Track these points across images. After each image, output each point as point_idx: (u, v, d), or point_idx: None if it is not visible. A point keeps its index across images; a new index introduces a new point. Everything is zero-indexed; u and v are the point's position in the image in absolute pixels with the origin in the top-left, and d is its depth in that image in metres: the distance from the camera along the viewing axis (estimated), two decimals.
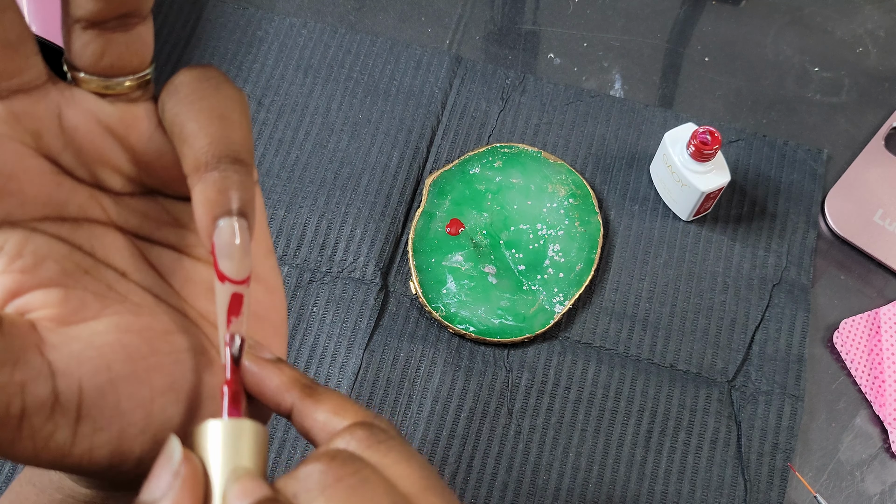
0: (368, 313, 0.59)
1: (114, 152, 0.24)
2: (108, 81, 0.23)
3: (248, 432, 0.22)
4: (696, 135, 0.57)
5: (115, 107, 0.23)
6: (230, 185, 0.22)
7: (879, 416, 0.57)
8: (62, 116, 0.23)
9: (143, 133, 0.24)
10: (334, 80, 0.66)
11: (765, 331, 0.59)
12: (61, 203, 0.23)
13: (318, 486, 0.21)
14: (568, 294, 0.59)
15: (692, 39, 0.70)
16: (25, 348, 0.21)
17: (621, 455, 0.56)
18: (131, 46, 0.23)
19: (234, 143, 0.22)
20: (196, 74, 0.23)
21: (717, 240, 0.62)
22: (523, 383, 0.58)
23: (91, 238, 0.24)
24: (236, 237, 0.22)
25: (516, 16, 0.70)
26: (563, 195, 0.62)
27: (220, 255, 0.22)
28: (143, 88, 0.24)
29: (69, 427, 0.21)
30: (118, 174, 0.24)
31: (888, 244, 0.62)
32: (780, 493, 0.55)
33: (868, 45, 0.70)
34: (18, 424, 0.20)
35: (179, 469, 0.21)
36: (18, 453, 0.21)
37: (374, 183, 0.63)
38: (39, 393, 0.20)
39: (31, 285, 0.22)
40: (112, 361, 0.22)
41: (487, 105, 0.66)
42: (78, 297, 0.22)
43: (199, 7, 0.69)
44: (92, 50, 0.22)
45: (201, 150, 0.22)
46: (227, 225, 0.22)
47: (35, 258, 0.22)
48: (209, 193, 0.21)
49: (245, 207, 0.22)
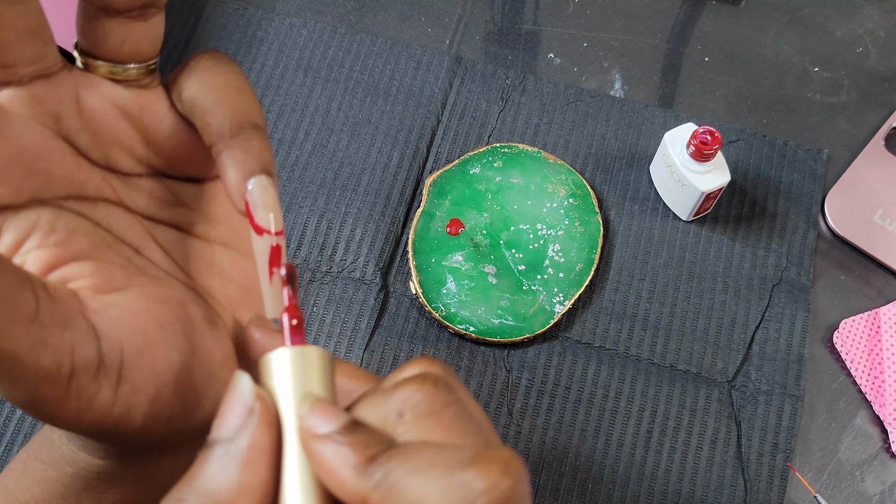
0: (368, 313, 0.59)
1: (127, 134, 0.25)
2: (117, 67, 0.24)
3: (315, 358, 0.22)
4: (696, 135, 0.57)
5: (130, 91, 0.25)
6: (255, 147, 0.23)
7: (879, 416, 0.57)
8: (80, 100, 0.24)
9: (157, 115, 0.25)
10: (334, 80, 0.66)
11: (765, 331, 0.59)
12: (81, 183, 0.24)
13: (425, 410, 0.21)
14: (568, 294, 0.59)
15: (692, 39, 0.70)
16: (72, 311, 0.22)
17: (621, 455, 0.56)
18: (149, 34, 0.24)
19: (252, 110, 0.24)
20: (208, 55, 0.25)
21: (717, 240, 0.62)
22: (523, 383, 0.58)
23: (108, 216, 0.25)
24: (268, 192, 0.23)
25: (516, 16, 0.70)
26: (563, 195, 0.62)
27: (255, 210, 0.23)
28: (152, 75, 0.25)
29: (111, 388, 0.22)
30: (129, 156, 0.25)
31: (888, 244, 0.62)
32: (780, 493, 0.55)
33: (868, 45, 0.70)
34: (67, 385, 0.21)
35: (254, 405, 0.21)
36: (63, 414, 0.21)
37: (374, 183, 0.63)
38: (87, 354, 0.21)
39: (66, 257, 0.23)
40: (146, 326, 0.23)
41: (487, 105, 0.66)
42: (107, 268, 0.24)
43: (199, 7, 0.69)
44: (115, 37, 0.24)
45: (225, 119, 0.24)
46: (259, 182, 0.23)
47: (67, 233, 0.23)
48: (237, 156, 0.23)
49: (269, 166, 0.24)
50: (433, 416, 0.21)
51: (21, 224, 0.22)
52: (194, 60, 0.25)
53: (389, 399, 0.21)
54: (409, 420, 0.21)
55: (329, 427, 0.21)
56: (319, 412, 0.21)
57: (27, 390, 0.20)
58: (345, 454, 0.20)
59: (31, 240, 0.23)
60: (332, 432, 0.21)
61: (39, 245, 0.23)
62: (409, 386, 0.21)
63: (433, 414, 0.21)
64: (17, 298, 0.20)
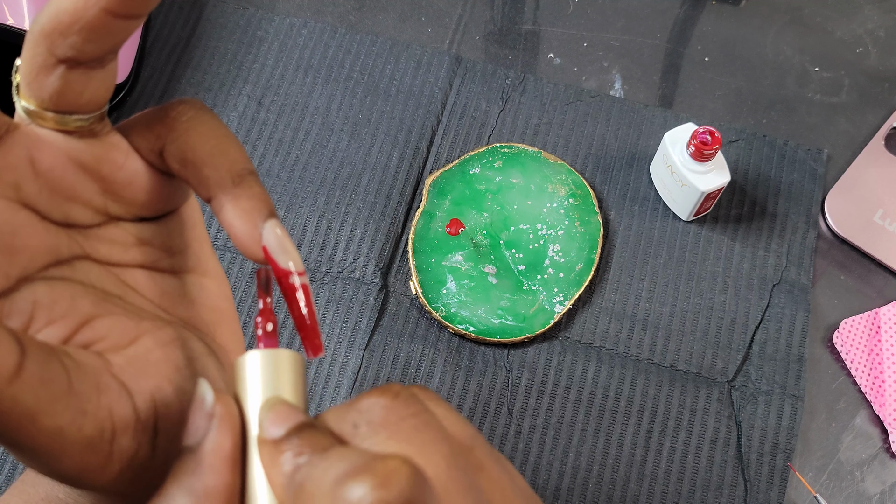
0: (368, 313, 0.59)
1: (84, 187, 0.24)
2: (68, 118, 0.23)
3: (286, 361, 0.22)
4: (696, 135, 0.57)
5: (84, 142, 0.23)
6: (258, 193, 0.23)
7: (879, 416, 0.57)
8: (35, 161, 0.23)
9: (115, 163, 0.24)
10: (334, 80, 0.66)
11: (765, 331, 0.59)
12: (55, 247, 0.23)
13: (381, 421, 0.21)
14: (568, 294, 0.59)
15: (692, 39, 0.70)
16: (101, 374, 0.21)
17: (621, 455, 0.56)
18: (106, 81, 0.23)
19: (243, 156, 0.24)
20: (187, 106, 0.24)
21: (717, 240, 0.62)
22: (523, 383, 0.58)
23: (86, 273, 0.24)
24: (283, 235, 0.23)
25: (516, 16, 0.70)
26: (563, 195, 0.62)
27: (276, 255, 0.23)
28: (102, 122, 0.24)
29: (149, 443, 0.22)
30: (87, 208, 0.24)
31: (888, 244, 0.62)
32: (780, 493, 0.55)
33: (868, 45, 0.70)
34: (110, 448, 0.21)
35: (213, 409, 0.21)
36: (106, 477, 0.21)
37: (374, 183, 0.63)
38: (124, 413, 0.21)
39: (78, 324, 0.23)
40: (168, 373, 0.23)
41: (487, 105, 0.66)
42: (116, 322, 0.23)
43: (199, 7, 0.69)
44: (75, 88, 0.22)
45: (223, 169, 0.23)
46: (272, 227, 0.23)
47: (68, 301, 0.23)
48: (244, 204, 0.23)
49: (273, 210, 0.24)
50: (388, 427, 0.20)
51: (20, 307, 0.22)
52: (173, 112, 0.24)
53: (350, 410, 0.21)
54: (363, 432, 0.21)
55: (279, 431, 0.21)
56: (274, 415, 0.21)
57: (74, 461, 0.20)
58: (281, 458, 0.20)
59: (38, 319, 0.22)
60: (280, 436, 0.21)
61: (48, 322, 0.22)
62: (370, 397, 0.21)
63: (389, 425, 0.20)
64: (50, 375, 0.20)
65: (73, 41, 0.21)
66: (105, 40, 0.21)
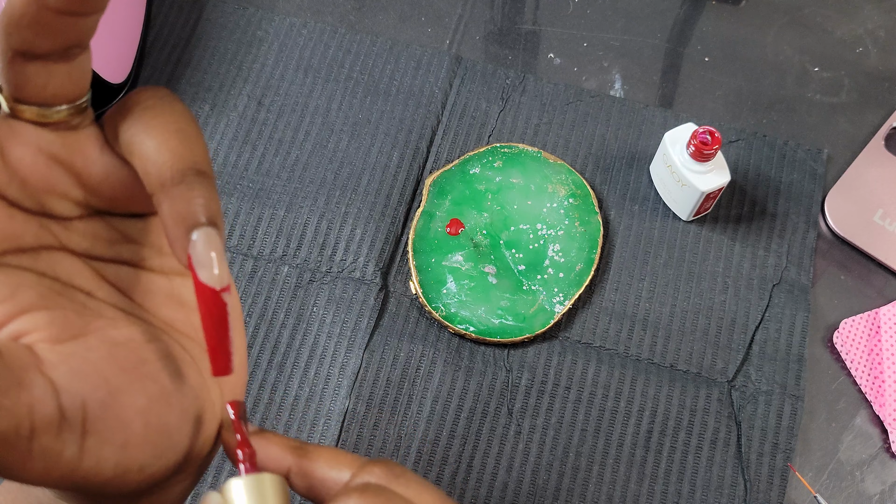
0: (368, 313, 0.59)
1: (60, 180, 0.24)
2: (46, 110, 0.23)
3: (269, 484, 0.25)
4: (696, 135, 0.57)
5: (58, 135, 0.23)
6: (198, 196, 0.22)
7: (879, 416, 0.57)
8: (4, 152, 0.23)
9: (89, 157, 0.24)
10: (334, 80, 0.66)
11: (765, 331, 0.59)
12: (17, 235, 0.23)
13: None
14: (568, 294, 0.59)
15: (692, 39, 0.70)
16: (26, 369, 0.21)
17: (621, 455, 0.56)
18: (72, 75, 0.23)
19: (196, 155, 0.22)
20: (149, 94, 0.23)
21: (717, 240, 0.62)
22: (523, 383, 0.58)
23: (52, 264, 0.24)
24: (212, 247, 0.22)
25: (516, 16, 0.70)
26: (563, 195, 0.62)
27: (198, 267, 0.22)
28: (82, 115, 0.24)
29: (76, 443, 0.21)
30: (66, 200, 0.24)
31: (888, 244, 0.62)
32: (780, 493, 0.55)
33: (868, 45, 0.70)
34: (28, 446, 0.20)
35: None
36: (28, 474, 0.21)
37: (374, 183, 0.63)
38: (46, 412, 0.21)
39: (14, 312, 0.22)
40: (108, 374, 0.22)
41: (487, 105, 0.66)
42: (60, 316, 0.23)
43: (199, 7, 0.69)
44: (36, 81, 0.22)
45: (165, 166, 0.22)
46: (202, 235, 0.22)
47: (9, 288, 0.22)
48: (179, 207, 0.22)
49: (214, 217, 0.22)
50: None
51: None
52: (133, 99, 0.23)
53: None
54: None
55: None
56: None
57: None
58: None
59: None
60: None
61: None
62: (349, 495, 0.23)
63: None
64: None
65: (25, 35, 0.21)
66: (56, 36, 0.21)
